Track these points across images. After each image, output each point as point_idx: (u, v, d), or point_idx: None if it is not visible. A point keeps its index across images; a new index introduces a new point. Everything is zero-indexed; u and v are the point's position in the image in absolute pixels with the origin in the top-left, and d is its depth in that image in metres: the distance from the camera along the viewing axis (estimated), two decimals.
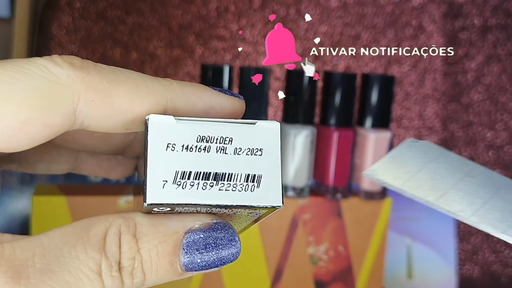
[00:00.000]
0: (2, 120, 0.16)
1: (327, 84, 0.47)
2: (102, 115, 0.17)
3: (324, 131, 0.47)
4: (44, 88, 0.16)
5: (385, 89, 0.48)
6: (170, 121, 0.18)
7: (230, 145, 0.18)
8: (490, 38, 0.65)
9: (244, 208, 0.18)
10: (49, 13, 0.57)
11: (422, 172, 0.17)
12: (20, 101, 0.16)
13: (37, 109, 0.16)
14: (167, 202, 0.17)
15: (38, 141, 0.17)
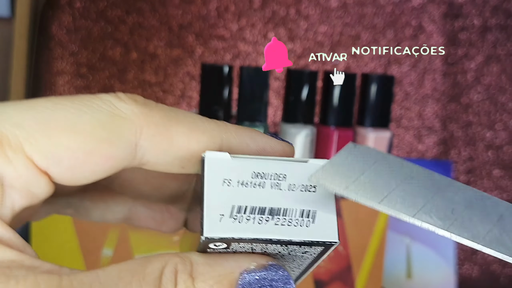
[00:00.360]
0: (68, 149, 0.16)
1: (327, 84, 0.47)
2: (161, 150, 0.18)
3: (324, 130, 0.47)
4: (109, 121, 0.17)
5: (385, 89, 0.48)
6: (225, 157, 0.18)
7: (284, 182, 0.18)
8: (489, 38, 0.65)
9: (299, 244, 0.18)
10: (50, 13, 0.57)
11: (363, 176, 0.18)
12: (86, 133, 0.16)
13: (101, 140, 0.17)
14: (224, 236, 0.17)
15: (101, 173, 0.17)
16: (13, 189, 0.16)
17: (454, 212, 0.17)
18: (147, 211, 0.23)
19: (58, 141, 0.16)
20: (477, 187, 0.67)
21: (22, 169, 0.16)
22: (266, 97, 0.46)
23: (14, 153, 0.16)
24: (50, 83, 0.58)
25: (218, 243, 0.17)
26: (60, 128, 0.16)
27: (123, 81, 0.59)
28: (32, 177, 0.16)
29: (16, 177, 0.16)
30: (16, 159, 0.16)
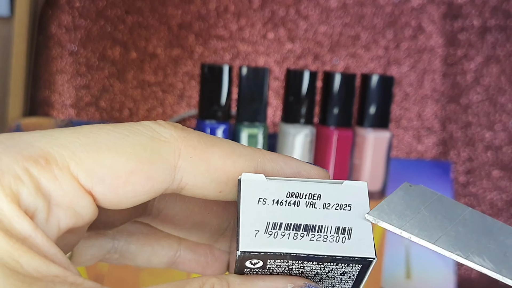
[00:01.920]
0: (111, 169, 0.17)
1: (326, 84, 0.47)
2: (199, 172, 0.18)
3: (323, 131, 0.47)
4: (149, 143, 0.18)
5: (384, 89, 0.48)
6: (261, 178, 0.19)
7: (319, 201, 0.18)
8: (489, 39, 0.65)
9: (336, 262, 0.18)
10: (49, 12, 0.57)
11: (418, 215, 0.18)
12: (128, 154, 0.17)
13: (142, 161, 0.17)
14: (259, 250, 0.17)
15: (142, 195, 0.18)
16: (59, 208, 0.17)
17: (507, 255, 0.17)
18: (191, 254, 0.23)
19: (102, 161, 0.17)
20: (476, 188, 0.67)
21: (68, 188, 0.17)
22: (265, 97, 0.46)
23: (60, 172, 0.17)
24: (50, 83, 0.58)
25: (254, 260, 0.18)
26: (104, 149, 0.17)
27: (123, 80, 0.59)
28: (77, 196, 0.17)
29: (62, 195, 0.17)
30: (63, 178, 0.17)
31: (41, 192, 0.16)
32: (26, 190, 0.16)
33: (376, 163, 0.48)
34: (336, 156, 0.47)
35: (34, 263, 0.15)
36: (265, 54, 0.62)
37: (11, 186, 0.16)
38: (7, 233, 0.15)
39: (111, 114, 0.59)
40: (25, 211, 0.16)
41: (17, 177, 0.16)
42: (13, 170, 0.16)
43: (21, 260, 0.15)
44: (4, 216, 0.15)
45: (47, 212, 0.16)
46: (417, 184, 0.19)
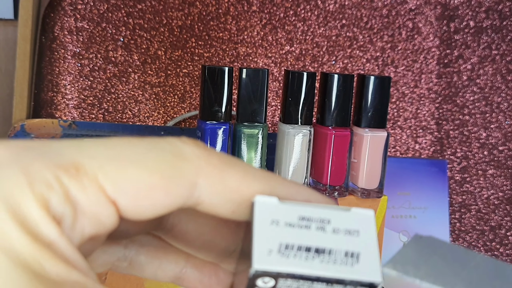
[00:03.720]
0: (134, 182, 0.18)
1: (324, 85, 0.48)
2: (215, 191, 0.19)
3: (321, 130, 0.48)
4: (172, 160, 0.18)
5: (381, 89, 0.48)
6: (274, 201, 0.20)
7: (329, 225, 0.19)
8: (484, 39, 0.66)
9: (344, 283, 0.18)
10: (52, 15, 0.58)
11: (433, 264, 0.19)
12: (149, 168, 0.18)
13: (163, 176, 0.18)
14: (272, 269, 0.18)
15: (160, 209, 0.19)
16: (84, 216, 0.17)
17: None
18: (197, 273, 0.24)
19: (127, 174, 0.18)
20: (472, 186, 0.68)
21: (94, 198, 0.17)
22: (265, 98, 0.47)
23: (89, 182, 0.17)
24: (53, 84, 0.59)
25: (266, 278, 0.18)
26: (129, 163, 0.18)
27: (125, 82, 0.60)
28: (102, 206, 0.18)
29: (88, 204, 0.17)
30: (90, 188, 0.17)
31: (69, 200, 0.17)
32: (56, 197, 0.17)
33: (373, 162, 0.49)
34: (333, 155, 0.48)
35: (56, 268, 0.16)
36: (264, 56, 0.62)
37: (42, 192, 0.17)
38: (34, 237, 0.16)
39: (114, 115, 0.60)
40: (53, 216, 0.17)
41: (49, 184, 0.17)
42: (44, 177, 0.17)
43: (45, 264, 0.16)
44: (33, 221, 0.16)
45: (73, 219, 0.17)
46: (427, 235, 0.21)
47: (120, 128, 0.56)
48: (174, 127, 0.58)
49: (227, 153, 0.47)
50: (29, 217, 0.16)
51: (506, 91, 0.67)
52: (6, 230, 0.16)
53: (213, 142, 0.46)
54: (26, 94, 0.56)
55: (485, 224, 0.68)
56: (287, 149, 0.47)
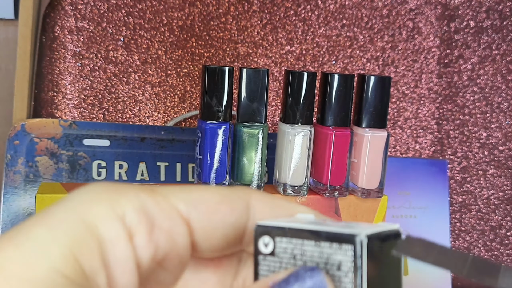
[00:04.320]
0: (201, 199, 0.20)
1: (324, 85, 0.48)
2: (268, 208, 0.21)
3: (321, 130, 0.48)
4: (227, 188, 0.21)
5: (382, 89, 0.48)
6: (312, 217, 0.22)
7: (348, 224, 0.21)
8: (485, 39, 0.66)
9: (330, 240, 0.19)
10: (52, 14, 0.58)
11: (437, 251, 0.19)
12: (214, 190, 0.21)
13: (225, 196, 0.21)
14: (268, 224, 0.20)
15: (228, 227, 0.20)
16: (160, 231, 0.19)
17: None
18: None
19: (194, 194, 0.20)
20: (472, 186, 0.68)
21: (168, 213, 0.19)
22: (265, 98, 0.47)
23: (163, 200, 0.19)
24: (54, 84, 0.59)
25: (266, 238, 0.20)
26: (195, 188, 0.20)
27: (125, 81, 0.60)
28: (176, 222, 0.19)
29: (163, 218, 0.19)
30: (165, 205, 0.19)
31: (145, 212, 0.18)
32: (132, 207, 0.18)
33: (374, 162, 0.49)
34: (334, 155, 0.48)
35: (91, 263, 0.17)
36: (264, 56, 0.62)
37: (119, 201, 0.18)
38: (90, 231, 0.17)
39: (114, 115, 0.60)
40: (128, 229, 0.18)
41: (126, 196, 0.18)
42: (124, 191, 0.18)
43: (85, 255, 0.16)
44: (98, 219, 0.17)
45: (149, 230, 0.18)
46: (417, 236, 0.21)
47: (120, 128, 0.56)
48: (174, 127, 0.58)
49: (228, 153, 0.47)
50: (95, 217, 0.17)
51: (507, 91, 0.67)
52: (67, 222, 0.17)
53: (214, 142, 0.46)
54: (27, 93, 0.56)
55: (485, 224, 0.68)
56: (287, 149, 0.47)
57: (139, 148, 0.56)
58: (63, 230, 0.16)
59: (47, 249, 0.16)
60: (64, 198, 0.18)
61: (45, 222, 0.17)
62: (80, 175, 0.54)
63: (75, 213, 0.17)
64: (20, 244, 0.16)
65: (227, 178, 0.47)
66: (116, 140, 0.55)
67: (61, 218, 0.17)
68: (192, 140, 0.57)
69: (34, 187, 0.53)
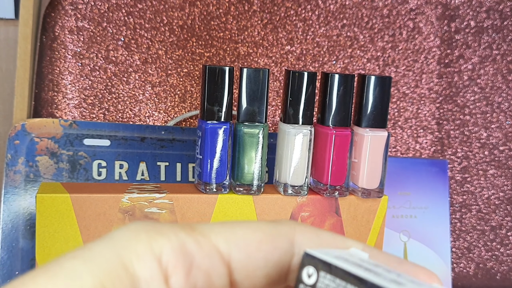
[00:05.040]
0: (243, 237, 0.20)
1: (325, 85, 0.48)
2: (313, 245, 0.21)
3: (322, 130, 0.48)
4: (272, 223, 0.21)
5: (382, 89, 0.48)
6: (366, 256, 0.20)
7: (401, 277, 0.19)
8: (485, 39, 0.66)
9: None
10: (53, 14, 0.58)
11: None
12: (257, 227, 0.20)
13: (267, 234, 0.20)
14: (317, 257, 0.19)
15: (271, 266, 0.20)
16: (198, 270, 0.18)
17: None
18: None
19: (237, 232, 0.19)
20: (473, 186, 0.68)
21: (208, 252, 0.18)
22: (266, 98, 0.47)
23: (203, 238, 0.19)
24: (54, 84, 0.59)
25: (311, 269, 0.19)
26: (237, 225, 0.20)
27: (126, 81, 0.60)
28: (215, 263, 0.19)
29: (202, 257, 0.18)
30: (205, 244, 0.19)
31: (184, 251, 0.18)
32: (170, 246, 0.18)
33: (374, 162, 0.49)
34: (334, 155, 0.48)
35: None
36: (265, 55, 0.62)
37: (158, 240, 0.18)
38: (124, 268, 0.17)
39: (115, 114, 0.60)
40: (165, 269, 0.17)
41: (165, 235, 0.18)
42: (163, 231, 0.18)
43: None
44: (134, 256, 0.17)
45: (187, 271, 0.18)
46: None
47: (120, 128, 0.56)
48: (174, 127, 0.58)
49: (228, 153, 0.47)
50: (132, 254, 0.17)
51: (507, 91, 0.67)
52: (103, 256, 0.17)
53: (214, 141, 0.46)
54: (27, 93, 0.56)
55: (486, 224, 0.68)
56: (287, 149, 0.47)
57: (140, 148, 0.56)
58: (97, 264, 0.16)
59: (79, 281, 0.16)
60: (105, 236, 0.18)
61: (81, 255, 0.17)
62: (81, 175, 0.54)
63: (113, 249, 0.17)
64: (53, 276, 0.16)
65: (227, 178, 0.47)
66: (117, 140, 0.55)
67: (98, 253, 0.17)
68: (192, 140, 0.57)
69: (34, 187, 0.53)
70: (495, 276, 0.68)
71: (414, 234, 0.62)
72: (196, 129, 0.55)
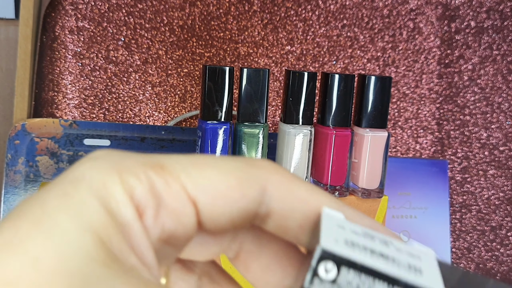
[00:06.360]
0: (211, 181, 0.19)
1: (325, 85, 0.48)
2: (285, 198, 0.20)
3: (322, 130, 0.48)
4: (246, 167, 0.20)
5: (382, 89, 0.48)
6: (341, 216, 0.20)
7: (392, 245, 0.19)
8: (485, 39, 0.66)
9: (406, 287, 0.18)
10: (53, 14, 0.58)
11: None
12: (227, 172, 0.19)
13: (239, 179, 0.19)
14: (339, 252, 0.18)
15: (236, 212, 0.20)
16: (166, 211, 0.18)
17: None
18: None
19: (206, 174, 0.19)
20: (473, 187, 0.68)
21: (177, 194, 0.19)
22: (266, 98, 0.47)
23: (172, 179, 0.19)
24: (54, 84, 0.59)
25: (329, 264, 0.18)
26: (208, 167, 0.19)
27: (126, 81, 0.60)
28: (183, 203, 0.19)
29: (171, 199, 0.18)
30: (173, 184, 0.19)
31: (154, 192, 0.18)
32: (141, 187, 0.18)
33: (374, 162, 0.49)
34: (334, 155, 0.48)
35: (120, 246, 0.17)
36: (265, 56, 0.62)
37: (129, 181, 0.18)
38: (110, 214, 0.17)
39: (115, 114, 0.60)
40: (136, 206, 0.18)
41: (136, 175, 0.18)
42: (133, 170, 0.18)
43: (112, 239, 0.17)
44: (114, 201, 0.17)
45: (155, 212, 0.18)
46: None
47: (121, 128, 0.56)
48: (174, 127, 0.58)
49: (228, 153, 0.47)
50: (112, 199, 0.17)
51: (507, 91, 0.67)
52: (88, 206, 0.17)
53: (214, 141, 0.46)
54: (27, 93, 0.56)
55: (486, 224, 0.68)
56: (287, 149, 0.47)
57: (140, 148, 0.56)
58: (88, 217, 0.16)
59: (80, 238, 0.16)
60: (74, 173, 0.18)
61: (67, 207, 0.17)
62: None
63: (94, 194, 0.17)
64: (50, 235, 0.16)
65: None
66: (117, 140, 0.55)
67: (80, 201, 0.17)
68: (192, 140, 0.57)
69: (34, 187, 0.53)
70: (495, 276, 0.68)
71: (414, 234, 0.62)
72: (196, 129, 0.55)
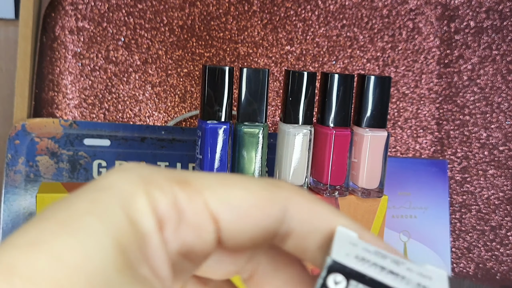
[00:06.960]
0: (235, 200, 0.20)
1: (324, 85, 0.48)
2: (306, 218, 0.20)
3: (321, 130, 0.48)
4: (267, 186, 0.20)
5: (382, 89, 0.48)
6: (354, 235, 0.20)
7: (403, 264, 0.20)
8: (485, 39, 0.66)
9: None
10: (53, 14, 0.58)
11: None
12: (251, 190, 0.20)
13: (262, 198, 0.20)
14: (349, 264, 0.18)
15: (258, 231, 0.20)
16: (187, 226, 0.19)
17: None
18: None
19: (230, 192, 0.20)
20: (472, 186, 0.68)
21: (199, 210, 0.19)
22: (266, 98, 0.47)
23: (196, 195, 0.19)
24: (54, 84, 0.59)
25: (339, 277, 0.18)
26: (233, 185, 0.20)
27: (126, 81, 0.60)
28: (205, 220, 0.19)
29: (193, 214, 0.19)
30: (196, 200, 0.19)
31: (176, 206, 0.18)
32: (165, 201, 0.18)
33: (374, 162, 0.49)
34: (334, 155, 0.48)
35: (136, 255, 0.17)
36: (265, 56, 0.62)
37: (153, 193, 0.18)
38: (132, 224, 0.17)
39: (115, 114, 0.60)
40: (158, 218, 0.18)
41: (161, 189, 0.18)
42: (158, 183, 0.18)
43: (130, 247, 0.17)
44: (137, 211, 0.18)
45: (176, 225, 0.18)
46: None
47: (120, 128, 0.56)
48: (174, 127, 0.58)
49: (228, 153, 0.47)
50: (135, 209, 0.18)
51: (507, 91, 0.67)
52: (113, 213, 0.17)
53: (214, 141, 0.46)
54: (27, 93, 0.56)
55: (486, 224, 0.68)
56: (287, 148, 0.47)
57: (140, 148, 0.56)
58: (112, 223, 0.17)
59: (102, 242, 0.16)
60: (102, 182, 0.18)
61: (93, 211, 0.17)
62: (81, 175, 0.54)
63: (119, 203, 0.17)
64: (75, 236, 0.16)
65: None
66: (117, 140, 0.55)
67: (107, 208, 0.17)
68: (192, 140, 0.57)
69: (34, 187, 0.53)
70: (495, 276, 0.68)
71: (414, 234, 0.62)
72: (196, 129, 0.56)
